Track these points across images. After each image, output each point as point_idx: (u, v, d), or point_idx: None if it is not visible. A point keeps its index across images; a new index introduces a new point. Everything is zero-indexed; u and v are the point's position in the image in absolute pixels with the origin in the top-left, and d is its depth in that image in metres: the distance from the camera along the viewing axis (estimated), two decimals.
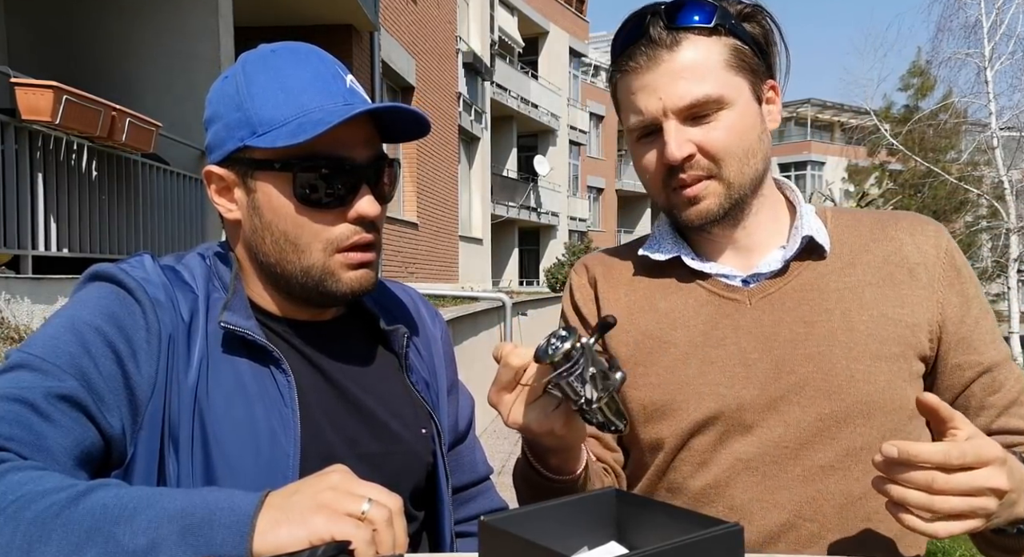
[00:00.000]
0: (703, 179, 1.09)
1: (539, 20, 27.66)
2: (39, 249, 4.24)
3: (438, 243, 14.40)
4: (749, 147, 1.09)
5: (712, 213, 1.10)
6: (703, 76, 1.06)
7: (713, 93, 1.05)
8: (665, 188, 1.12)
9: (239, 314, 0.98)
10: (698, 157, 1.08)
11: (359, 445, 1.03)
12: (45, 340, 0.89)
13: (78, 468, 0.85)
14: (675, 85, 1.06)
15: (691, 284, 1.17)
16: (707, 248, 1.19)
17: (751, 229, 1.15)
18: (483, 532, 0.70)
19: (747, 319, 1.12)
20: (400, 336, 1.11)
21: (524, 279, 27.73)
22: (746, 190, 1.10)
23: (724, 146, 1.07)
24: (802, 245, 1.12)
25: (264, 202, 0.99)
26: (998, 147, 14.31)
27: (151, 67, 6.23)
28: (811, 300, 1.11)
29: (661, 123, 1.07)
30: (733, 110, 1.07)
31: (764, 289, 1.13)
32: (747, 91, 1.09)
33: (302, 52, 1.02)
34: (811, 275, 1.13)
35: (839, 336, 1.08)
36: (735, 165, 1.08)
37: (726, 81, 1.07)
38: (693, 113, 1.06)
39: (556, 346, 0.85)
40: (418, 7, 13.41)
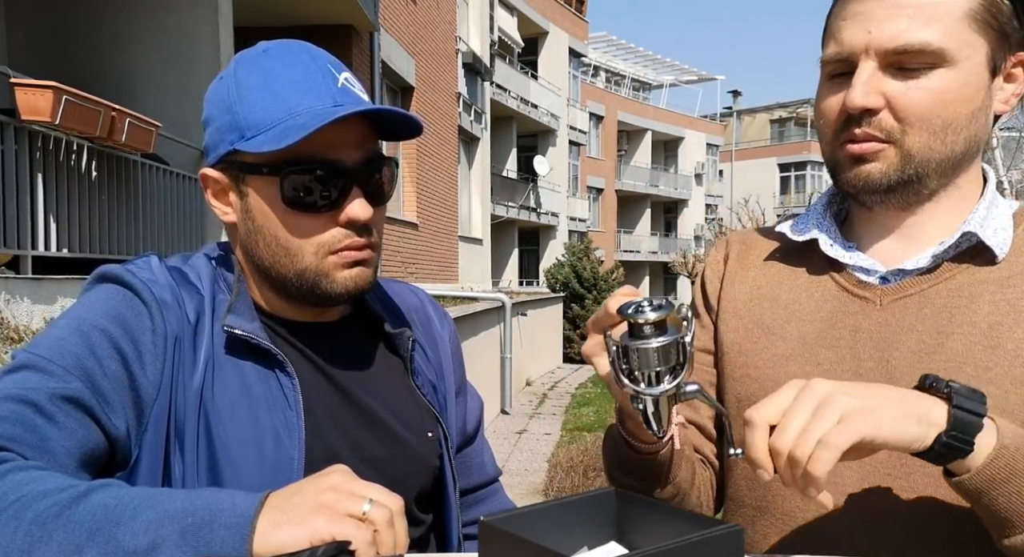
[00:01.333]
0: (880, 139, 0.92)
1: (539, 20, 27.65)
2: (39, 249, 4.24)
3: (438, 243, 14.40)
4: (953, 121, 0.90)
5: (874, 180, 0.94)
6: (932, 20, 0.88)
7: (934, 43, 0.87)
8: (835, 139, 0.96)
9: (243, 317, 0.98)
10: (883, 114, 0.91)
11: (363, 449, 1.03)
12: (51, 341, 0.89)
13: (81, 469, 0.85)
14: (893, 21, 0.88)
15: (823, 274, 1.03)
16: (863, 228, 1.03)
17: (925, 216, 0.98)
18: (483, 532, 0.70)
19: (871, 321, 0.97)
20: (405, 339, 1.10)
21: (524, 279, 27.71)
22: (929, 168, 0.93)
23: (920, 110, 0.90)
24: (962, 242, 0.95)
25: (255, 206, 0.98)
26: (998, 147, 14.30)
27: (151, 67, 6.22)
28: (955, 308, 0.94)
29: (858, 61, 0.91)
30: (953, 71, 0.89)
31: (902, 289, 0.97)
32: (982, 54, 0.90)
33: (293, 51, 1.00)
34: (966, 280, 0.95)
35: (976, 353, 0.91)
36: (924, 136, 0.91)
37: (958, 34, 0.88)
38: (900, 61, 0.89)
39: (642, 309, 0.76)
40: (418, 7, 13.40)
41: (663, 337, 0.76)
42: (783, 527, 1.00)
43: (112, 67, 6.17)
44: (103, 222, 4.90)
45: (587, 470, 6.69)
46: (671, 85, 46.65)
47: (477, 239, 18.06)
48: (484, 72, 18.51)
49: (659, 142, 41.05)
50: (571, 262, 19.09)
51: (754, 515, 1.04)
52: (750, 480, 1.05)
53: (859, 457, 0.77)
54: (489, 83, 19.78)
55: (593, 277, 18.69)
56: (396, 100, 12.77)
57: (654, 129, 39.44)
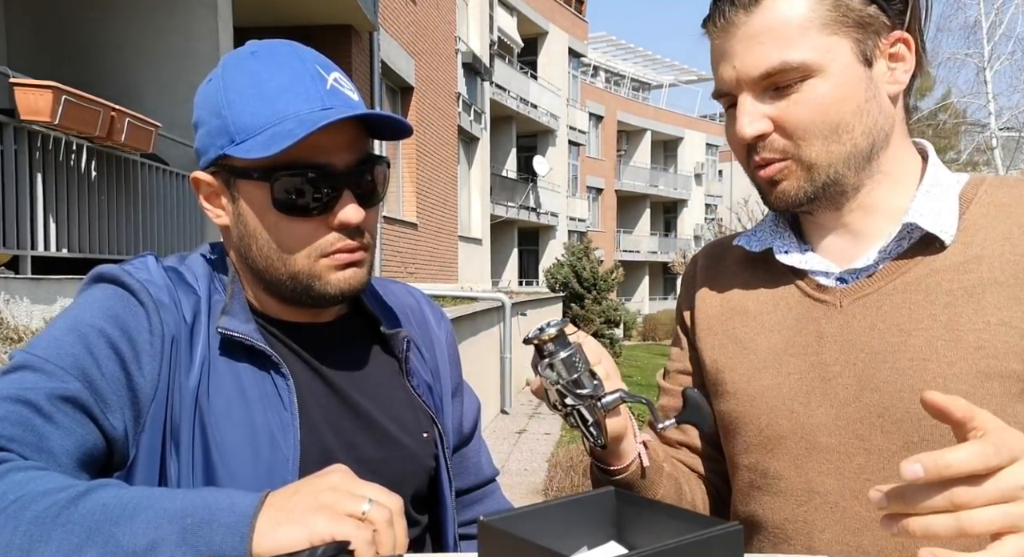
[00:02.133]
0: (779, 160, 0.95)
1: (538, 20, 27.65)
2: (38, 249, 4.24)
3: (437, 243, 14.40)
4: (839, 122, 0.92)
5: (791, 197, 0.96)
6: (786, 39, 0.90)
7: (792, 60, 0.90)
8: (749, 166, 0.99)
9: (237, 318, 0.98)
10: (773, 135, 0.94)
11: (358, 449, 1.03)
12: (48, 341, 0.89)
13: (80, 469, 0.85)
14: (750, 52, 0.92)
15: (786, 282, 1.04)
16: (811, 231, 1.04)
17: (863, 210, 0.99)
18: (483, 532, 0.70)
19: (834, 325, 0.97)
20: (400, 340, 1.10)
21: (523, 279, 27.72)
22: (838, 170, 0.94)
23: (804, 123, 0.92)
24: (911, 233, 0.95)
25: (247, 210, 0.98)
26: (997, 147, 14.32)
27: (151, 67, 6.22)
28: (913, 303, 0.93)
29: (736, 95, 0.95)
30: (823, 79, 0.91)
31: (859, 289, 0.97)
32: (847, 53, 0.92)
33: (281, 53, 0.99)
34: (920, 272, 0.94)
35: (939, 348, 0.90)
36: (818, 144, 0.93)
37: (816, 44, 0.90)
38: (772, 83, 0.92)
39: (542, 329, 0.84)
40: (417, 7, 13.40)
41: (563, 351, 0.84)
42: (775, 539, 1.01)
43: (112, 67, 6.18)
44: (103, 222, 4.90)
45: (587, 470, 6.66)
46: (671, 85, 46.67)
47: (477, 239, 18.06)
48: (484, 72, 18.51)
49: (659, 142, 41.07)
50: (571, 262, 19.10)
51: (748, 529, 1.04)
52: (744, 496, 1.06)
53: None
54: (489, 83, 19.78)
55: (593, 277, 18.70)
56: (396, 100, 12.78)
57: (654, 129, 39.45)
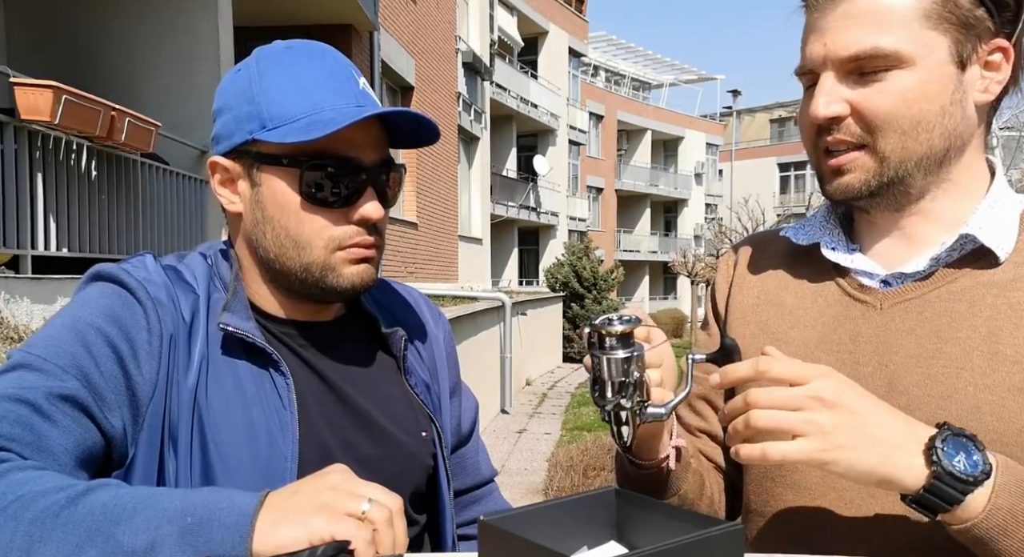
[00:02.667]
0: (852, 148, 0.93)
1: (539, 20, 27.65)
2: (38, 249, 4.24)
3: (437, 243, 14.40)
4: (921, 119, 0.90)
5: (854, 190, 0.94)
6: (884, 25, 0.88)
7: (885, 47, 0.88)
8: (815, 150, 0.98)
9: (238, 316, 0.98)
10: (849, 120, 0.92)
11: (356, 449, 1.03)
12: (47, 340, 0.89)
13: (79, 468, 0.85)
14: (845, 31, 0.90)
15: (827, 278, 1.03)
16: (863, 230, 1.03)
17: (922, 216, 0.97)
18: (483, 532, 0.70)
19: (871, 325, 0.97)
20: (398, 339, 1.10)
21: (524, 279, 27.71)
22: (908, 169, 0.93)
23: (884, 112, 0.90)
24: (964, 245, 0.94)
25: (268, 196, 0.98)
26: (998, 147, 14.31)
27: (151, 67, 6.22)
28: (955, 312, 0.93)
29: (820, 73, 0.93)
30: (912, 71, 0.89)
31: (902, 293, 0.97)
32: (943, 51, 0.89)
33: (318, 51, 1.02)
34: (968, 284, 0.94)
35: (975, 358, 0.90)
36: (895, 138, 0.91)
37: (914, 35, 0.88)
38: (859, 67, 0.91)
39: (610, 320, 0.81)
40: (417, 7, 13.40)
41: (622, 351, 0.82)
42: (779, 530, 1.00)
43: (112, 67, 6.18)
44: (103, 222, 4.90)
45: (587, 470, 6.69)
46: (671, 85, 46.66)
47: (477, 239, 18.06)
48: (484, 72, 18.51)
49: (659, 142, 41.06)
50: (571, 262, 19.09)
51: (758, 520, 1.04)
52: (757, 487, 1.06)
53: None
54: (489, 83, 19.78)
55: (593, 277, 18.70)
56: (396, 100, 12.78)
57: (654, 129, 39.44)
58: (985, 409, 0.88)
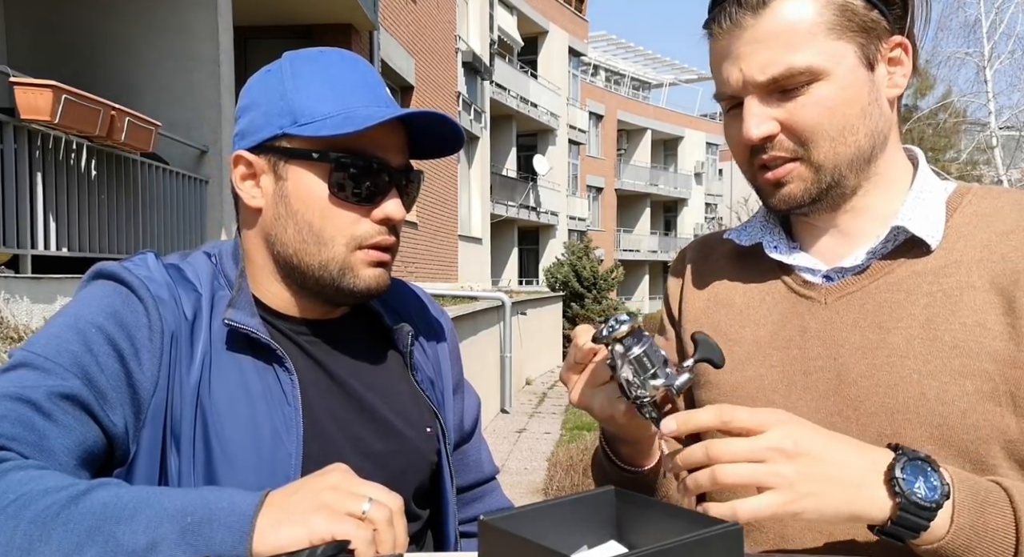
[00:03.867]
0: (788, 161, 0.97)
1: (538, 19, 27.65)
2: (38, 248, 4.24)
3: (437, 242, 14.40)
4: (846, 124, 0.94)
5: (797, 199, 0.98)
6: (793, 44, 0.92)
7: (800, 65, 0.91)
8: (750, 167, 1.01)
9: (243, 312, 0.98)
10: (780, 136, 0.96)
11: (363, 444, 1.03)
12: (48, 339, 0.89)
13: (80, 467, 0.85)
14: (757, 55, 0.93)
15: (773, 277, 1.07)
16: (802, 229, 1.07)
17: (856, 212, 1.01)
18: (483, 531, 0.70)
19: (818, 320, 1.00)
20: (405, 334, 1.11)
21: (523, 278, 27.72)
22: (842, 172, 0.96)
23: (812, 124, 0.94)
24: (897, 236, 0.98)
25: (294, 191, 0.99)
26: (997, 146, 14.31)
27: (150, 66, 6.22)
28: (895, 302, 0.96)
29: (742, 97, 0.96)
30: (829, 82, 0.93)
31: (844, 287, 1.00)
32: (852, 57, 0.93)
33: (349, 57, 1.05)
34: (903, 274, 0.97)
35: (916, 346, 0.93)
36: (826, 145, 0.95)
37: (823, 48, 0.92)
38: (779, 86, 0.94)
39: (613, 327, 0.82)
40: (417, 6, 13.40)
41: (630, 341, 0.83)
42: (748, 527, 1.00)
43: (112, 66, 6.17)
44: (102, 221, 4.90)
45: (587, 469, 6.68)
46: (671, 84, 46.67)
47: (477, 238, 18.06)
48: (484, 71, 18.51)
49: (659, 141, 41.07)
50: (571, 261, 19.10)
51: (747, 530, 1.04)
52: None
53: None
54: (489, 82, 19.78)
55: (593, 276, 18.70)
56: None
57: (654, 128, 39.46)
58: (930, 395, 0.91)
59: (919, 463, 0.79)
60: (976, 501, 0.80)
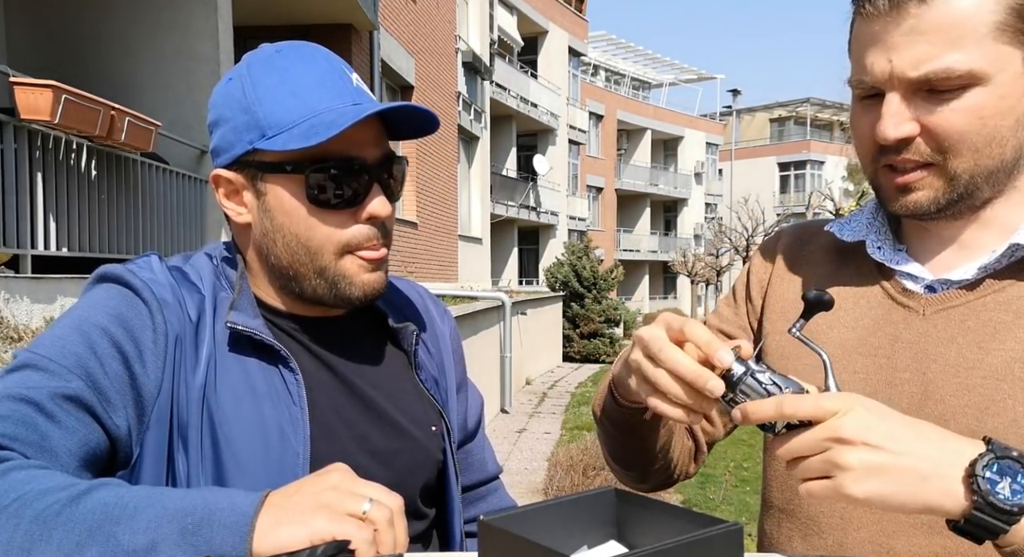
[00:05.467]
0: (920, 166, 0.89)
1: (538, 19, 27.64)
2: (38, 248, 4.23)
3: (437, 242, 14.39)
4: (995, 135, 0.86)
5: (922, 208, 0.91)
6: (956, 41, 0.83)
7: (961, 67, 0.83)
8: (874, 162, 0.93)
9: (246, 313, 0.98)
10: (918, 140, 0.88)
11: (369, 442, 1.03)
12: (52, 340, 0.90)
13: (83, 469, 0.85)
14: (913, 47, 0.84)
15: (871, 280, 1.00)
16: (914, 233, 0.99)
17: (980, 224, 0.94)
18: (483, 531, 0.70)
19: (912, 331, 0.94)
20: (409, 333, 1.11)
21: (523, 278, 27.70)
22: (977, 184, 0.89)
23: (958, 133, 0.86)
24: (1015, 252, 0.91)
25: (275, 205, 0.98)
26: None
27: (150, 66, 6.22)
28: (999, 323, 0.90)
29: (884, 90, 0.88)
30: (987, 88, 0.84)
31: (947, 300, 0.94)
32: (1018, 64, 0.85)
33: (307, 52, 1.01)
34: (1015, 294, 0.91)
35: (1016, 370, 0.87)
36: (967, 156, 0.87)
37: (988, 51, 0.83)
38: (929, 86, 0.85)
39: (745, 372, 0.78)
40: (417, 6, 13.40)
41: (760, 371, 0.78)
42: (806, 530, 1.00)
43: (112, 66, 6.17)
44: (103, 221, 4.89)
45: (587, 469, 6.68)
46: (671, 84, 46.65)
47: (477, 238, 18.06)
48: (484, 71, 18.51)
49: (659, 141, 41.05)
50: (571, 261, 19.09)
51: (780, 517, 1.04)
52: (781, 483, 1.06)
53: None
54: (489, 82, 19.77)
55: (593, 276, 18.70)
56: (396, 99, 12.77)
57: (654, 128, 39.43)
58: (1022, 421, 0.86)
59: (1010, 462, 0.73)
60: None
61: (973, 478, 0.72)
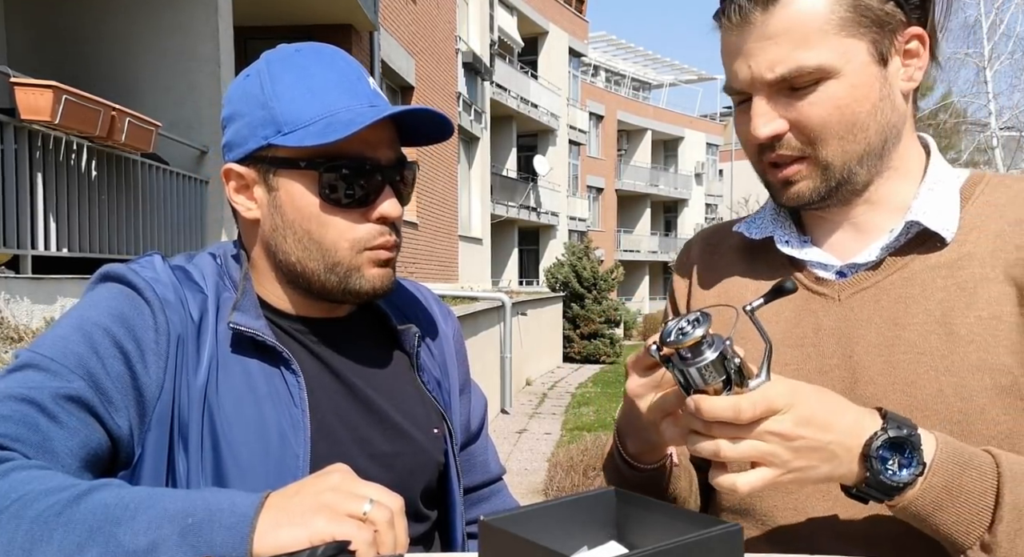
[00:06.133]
0: (796, 160, 0.95)
1: (538, 20, 27.64)
2: (39, 249, 4.24)
3: (438, 243, 14.40)
4: (855, 121, 0.92)
5: (805, 197, 0.97)
6: (802, 41, 0.89)
7: (810, 64, 0.89)
8: (760, 163, 0.99)
9: (248, 314, 0.98)
10: (789, 135, 0.94)
11: (370, 445, 1.03)
12: (54, 340, 0.90)
13: (84, 469, 0.85)
14: (766, 52, 0.91)
15: (784, 272, 1.04)
16: (815, 225, 1.05)
17: (869, 205, 1.00)
18: (483, 532, 0.70)
19: (832, 317, 0.99)
20: (411, 335, 1.11)
21: (524, 279, 27.71)
22: (851, 169, 0.95)
23: (820, 123, 0.92)
24: (910, 230, 0.96)
25: (287, 201, 0.99)
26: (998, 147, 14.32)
27: (151, 67, 6.22)
28: (909, 298, 0.95)
29: (750, 94, 0.95)
30: (839, 80, 0.90)
31: (858, 283, 0.99)
32: (864, 54, 0.91)
33: (327, 53, 1.02)
34: (917, 268, 0.96)
35: (932, 342, 0.92)
36: (834, 144, 0.93)
37: (834, 46, 0.89)
38: (788, 84, 0.92)
39: (686, 331, 0.77)
40: (417, 7, 13.40)
41: (704, 346, 0.77)
42: (763, 527, 1.01)
43: (112, 67, 6.17)
44: (103, 221, 4.90)
45: (587, 470, 6.68)
46: (671, 85, 46.66)
47: (477, 239, 18.06)
48: (484, 72, 18.51)
49: (659, 142, 41.06)
50: (571, 262, 19.08)
51: (733, 518, 1.04)
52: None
53: None
54: (489, 83, 19.77)
55: (593, 277, 18.69)
56: (396, 100, 12.78)
57: (654, 128, 39.44)
58: (948, 391, 0.90)
59: (899, 441, 0.79)
60: (957, 462, 0.81)
61: (867, 457, 0.79)
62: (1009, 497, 0.80)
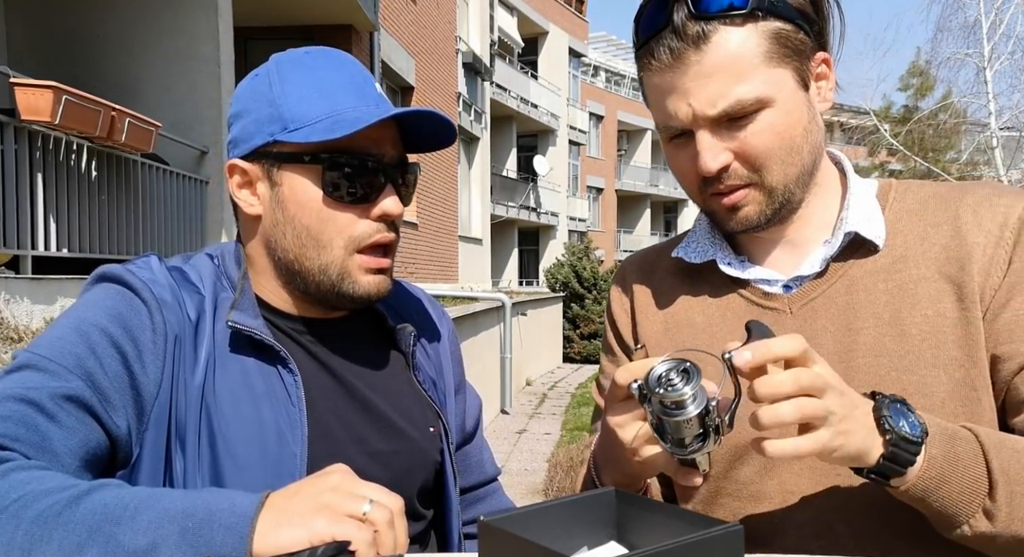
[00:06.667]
0: (742, 187, 0.98)
1: (539, 20, 27.65)
2: (39, 249, 4.24)
3: (438, 243, 14.40)
4: (792, 144, 0.96)
5: (753, 221, 1.00)
6: (738, 76, 0.93)
7: (749, 96, 0.93)
8: (702, 193, 1.02)
9: (247, 313, 0.99)
10: (735, 165, 0.97)
11: (367, 444, 1.03)
12: (52, 341, 0.90)
13: (83, 469, 0.86)
14: (704, 89, 0.93)
15: (729, 292, 1.07)
16: (752, 246, 1.08)
17: (802, 221, 1.04)
18: (483, 532, 0.70)
19: (787, 330, 0.97)
20: (407, 335, 1.11)
21: (524, 279, 27.72)
22: (791, 190, 0.99)
23: (765, 151, 0.96)
24: (846, 241, 1.01)
25: (289, 195, 1.00)
26: (997, 147, 14.32)
27: (151, 67, 6.22)
28: (856, 303, 0.99)
29: (693, 130, 0.97)
30: (775, 108, 0.95)
31: (806, 294, 1.02)
32: (791, 81, 0.95)
33: (335, 56, 1.04)
34: (857, 273, 1.00)
35: (888, 344, 0.96)
36: (777, 169, 0.97)
37: (766, 77, 0.93)
38: (728, 117, 0.95)
39: (674, 384, 0.76)
40: (418, 7, 13.40)
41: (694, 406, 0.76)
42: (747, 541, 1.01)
43: (112, 67, 6.18)
44: (103, 222, 4.90)
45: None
46: None
47: (477, 239, 18.07)
48: (484, 72, 18.52)
49: (659, 142, 41.03)
50: (571, 262, 19.08)
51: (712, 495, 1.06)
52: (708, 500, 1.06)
53: None
54: (489, 83, 19.78)
55: (593, 277, 18.69)
56: (396, 100, 12.78)
57: (654, 129, 39.42)
58: (911, 390, 0.93)
59: (898, 405, 0.83)
60: (945, 433, 0.84)
61: (883, 419, 0.81)
62: (996, 462, 0.83)
